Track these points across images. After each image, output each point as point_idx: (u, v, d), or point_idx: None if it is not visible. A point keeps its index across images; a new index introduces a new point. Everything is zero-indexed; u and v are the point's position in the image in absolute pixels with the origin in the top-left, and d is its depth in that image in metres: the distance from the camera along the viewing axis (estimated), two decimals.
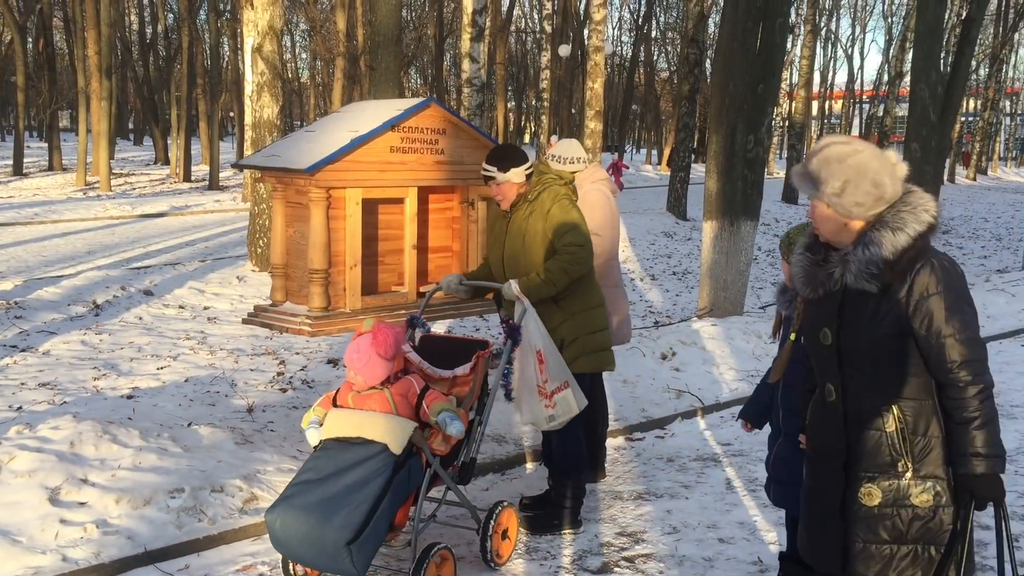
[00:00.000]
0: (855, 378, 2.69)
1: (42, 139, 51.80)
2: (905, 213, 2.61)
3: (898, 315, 2.59)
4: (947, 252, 12.40)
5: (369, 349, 3.72)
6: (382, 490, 3.51)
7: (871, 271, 2.57)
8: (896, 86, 33.76)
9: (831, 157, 2.62)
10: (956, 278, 2.61)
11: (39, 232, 16.82)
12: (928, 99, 11.07)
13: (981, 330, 2.66)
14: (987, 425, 2.57)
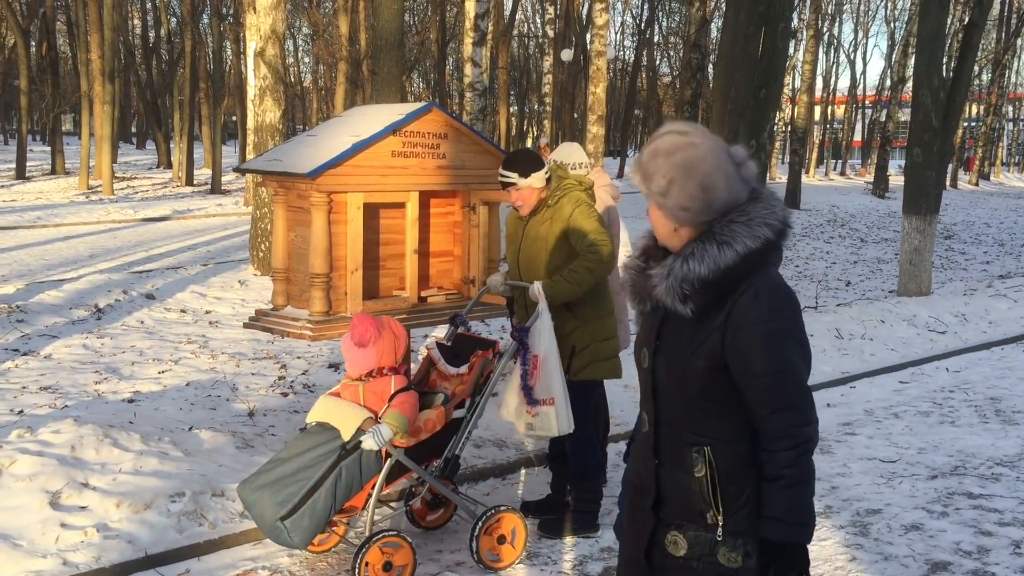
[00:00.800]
0: (667, 410, 2.29)
1: (45, 143, 51.89)
2: (738, 225, 2.19)
3: (713, 346, 2.18)
4: (949, 258, 12.38)
5: (347, 337, 3.99)
6: (324, 474, 3.77)
7: (684, 291, 2.17)
8: (899, 91, 33.78)
9: (660, 149, 2.22)
10: (785, 307, 2.20)
11: (41, 236, 16.84)
12: (930, 104, 11.06)
13: (984, 335, 2.47)
14: (795, 487, 2.16)
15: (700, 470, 2.22)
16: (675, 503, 2.28)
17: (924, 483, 5.38)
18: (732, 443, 2.22)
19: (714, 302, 2.17)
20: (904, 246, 11.35)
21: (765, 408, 2.16)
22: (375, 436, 3.79)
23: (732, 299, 2.16)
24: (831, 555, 4.37)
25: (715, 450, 2.21)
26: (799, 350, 2.20)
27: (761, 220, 2.20)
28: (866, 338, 8.85)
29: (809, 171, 49.96)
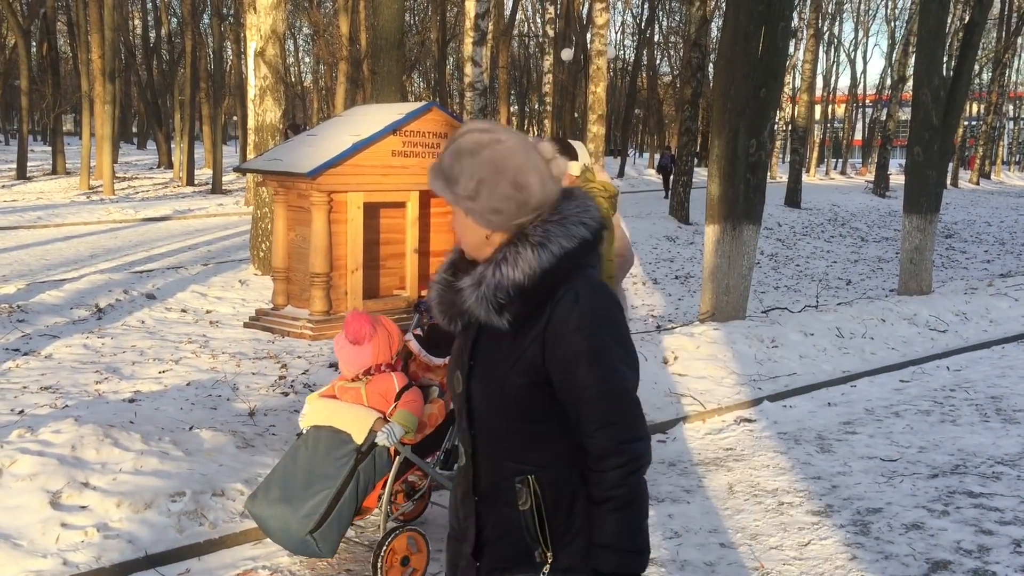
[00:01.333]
0: (486, 438, 2.08)
1: (46, 143, 51.91)
2: (553, 225, 2.01)
3: (533, 359, 1.98)
4: (949, 257, 12.41)
5: (342, 336, 3.97)
6: (345, 480, 3.76)
7: (499, 300, 1.96)
8: (899, 90, 33.78)
9: (464, 149, 2.01)
10: (608, 311, 2.01)
11: (42, 236, 16.84)
12: (931, 103, 11.05)
13: (984, 334, 2.30)
14: (625, 510, 1.97)
15: (525, 502, 2.01)
16: (499, 546, 2.06)
17: (925, 482, 5.38)
18: (560, 468, 2.02)
19: (532, 310, 1.98)
20: (905, 245, 11.34)
21: (591, 424, 1.97)
22: (388, 435, 3.81)
23: (551, 305, 1.98)
24: (831, 554, 4.37)
25: (541, 478, 2.01)
26: (625, 357, 2.02)
27: (576, 219, 2.03)
28: (867, 337, 8.85)
29: (810, 170, 49.94)
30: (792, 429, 6.45)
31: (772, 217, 22.98)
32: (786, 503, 5.02)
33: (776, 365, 7.84)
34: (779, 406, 6.98)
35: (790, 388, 7.36)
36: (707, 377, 7.38)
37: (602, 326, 1.98)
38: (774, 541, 4.51)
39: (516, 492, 2.02)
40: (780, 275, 15.05)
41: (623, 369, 2.00)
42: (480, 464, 2.09)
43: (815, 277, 14.86)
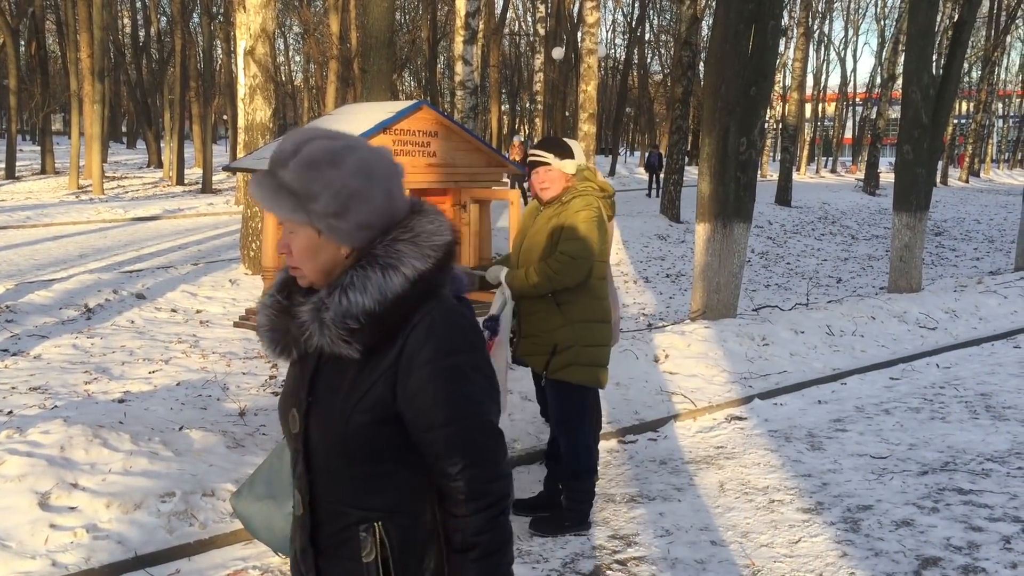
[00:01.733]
0: (326, 484, 1.87)
1: (35, 142, 51.70)
2: (404, 244, 1.80)
3: (381, 394, 1.79)
4: (939, 254, 12.42)
5: None
6: None
7: (348, 327, 1.76)
8: (889, 88, 33.90)
9: (318, 159, 1.77)
10: (463, 338, 1.82)
11: (31, 236, 16.77)
12: (920, 101, 11.09)
13: (974, 331, 2.26)
14: (490, 557, 1.79)
15: (370, 554, 1.82)
16: None
17: (915, 479, 5.40)
18: (410, 514, 1.83)
19: (383, 340, 1.78)
20: (895, 243, 11.37)
21: (450, 464, 1.78)
22: None
23: (403, 334, 1.78)
24: (822, 551, 4.38)
25: (389, 526, 1.82)
26: (486, 387, 1.83)
27: (429, 236, 1.83)
28: (857, 335, 8.87)
29: (800, 168, 50.08)
30: (783, 427, 6.46)
31: (763, 215, 23.03)
32: (777, 501, 5.02)
33: (767, 363, 7.86)
34: (770, 404, 6.99)
35: (781, 386, 7.37)
36: (698, 375, 7.39)
37: (459, 354, 1.79)
38: (765, 539, 4.51)
39: (360, 543, 1.82)
40: (771, 273, 15.08)
41: (484, 401, 1.82)
42: (320, 512, 1.89)
43: (806, 275, 14.90)
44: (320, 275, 1.83)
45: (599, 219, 4.43)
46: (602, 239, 4.44)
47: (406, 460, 1.82)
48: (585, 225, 4.34)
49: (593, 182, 4.54)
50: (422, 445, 1.80)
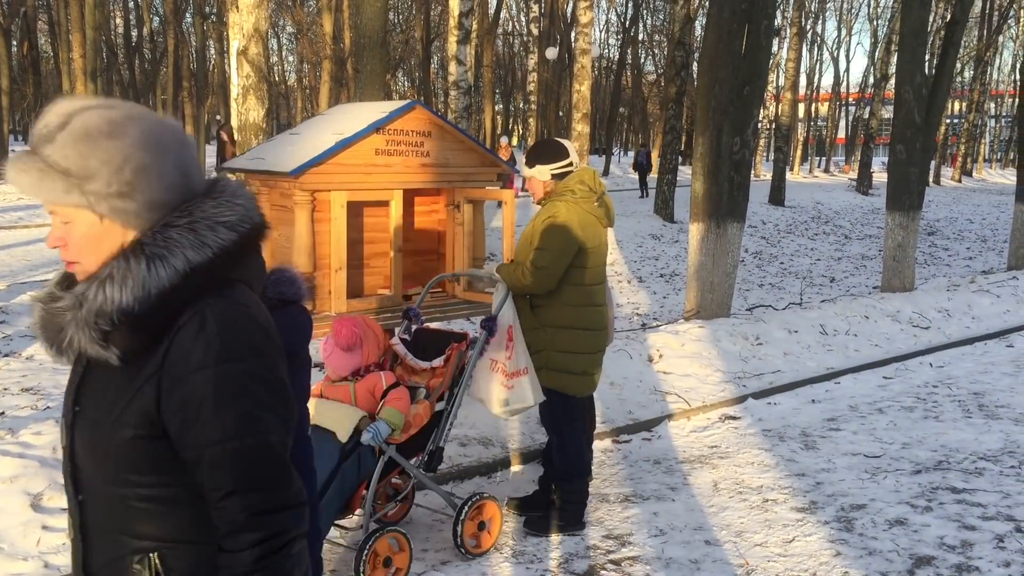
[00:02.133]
0: (95, 506, 1.60)
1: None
2: (178, 230, 1.54)
3: (145, 406, 1.52)
4: (932, 254, 12.43)
5: (332, 342, 3.97)
6: (328, 478, 3.71)
7: (101, 329, 1.49)
8: (882, 88, 33.97)
9: (94, 131, 1.49)
10: (245, 342, 1.53)
11: (24, 236, 16.71)
12: (913, 101, 11.11)
13: (967, 331, 2.15)
14: None
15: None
16: None
17: (908, 478, 5.41)
18: (194, 545, 1.57)
19: (146, 343, 1.51)
20: (888, 242, 11.40)
21: (216, 490, 1.51)
22: (374, 434, 3.79)
23: (169, 337, 1.51)
24: (816, 550, 4.38)
25: (168, 557, 1.56)
26: (269, 401, 1.54)
27: (212, 221, 1.56)
28: (850, 334, 8.88)
29: (793, 168, 50.14)
30: (776, 426, 6.47)
31: (756, 215, 23.07)
32: (770, 500, 5.03)
33: (761, 363, 7.87)
34: (764, 403, 7.00)
35: (774, 385, 7.38)
36: (692, 375, 7.40)
37: (236, 362, 1.51)
38: (759, 538, 4.52)
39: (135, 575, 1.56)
40: (764, 273, 15.10)
41: (266, 418, 1.53)
42: (91, 539, 1.61)
43: (799, 275, 14.92)
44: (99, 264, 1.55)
45: (563, 225, 4.33)
46: (567, 244, 4.32)
47: (186, 483, 1.54)
48: (557, 231, 4.31)
49: (575, 183, 4.46)
50: (191, 466, 1.53)
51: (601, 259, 4.57)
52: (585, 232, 4.39)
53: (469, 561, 4.22)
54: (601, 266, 4.57)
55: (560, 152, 4.53)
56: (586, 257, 4.43)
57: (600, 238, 4.52)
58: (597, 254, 4.51)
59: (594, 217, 4.47)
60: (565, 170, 4.51)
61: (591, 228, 4.44)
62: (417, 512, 4.71)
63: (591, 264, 4.48)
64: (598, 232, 4.50)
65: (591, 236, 4.44)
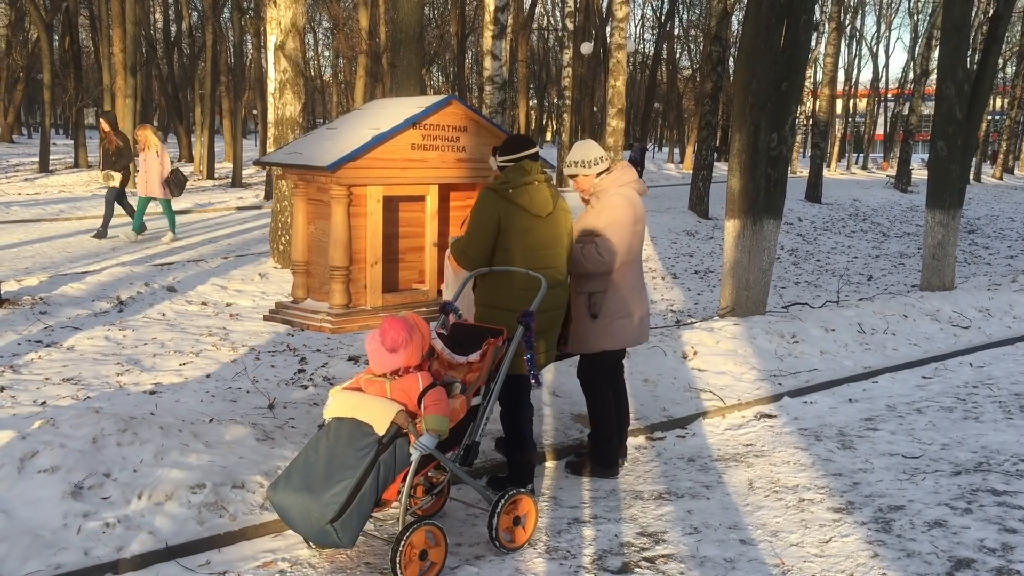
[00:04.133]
0: None
1: (68, 136, 52.28)
2: None
3: None
4: (972, 252, 12.32)
5: (378, 339, 3.97)
6: (365, 471, 3.75)
7: None
8: (922, 84, 33.47)
9: None
10: None
11: (65, 228, 16.96)
12: (955, 97, 10.94)
13: (1008, 330, 2.17)
14: None
15: None
16: None
17: (947, 479, 5.33)
18: None
19: None
20: (927, 240, 11.24)
21: None
22: (421, 449, 3.83)
23: None
24: (853, 551, 4.33)
25: None
26: None
27: None
28: (888, 333, 8.77)
29: (830, 165, 49.61)
30: (813, 425, 6.40)
31: (792, 212, 22.84)
32: (807, 500, 4.98)
33: (797, 361, 7.79)
34: (800, 402, 6.93)
35: (811, 384, 7.31)
36: (727, 372, 7.35)
37: None
38: (795, 538, 4.48)
39: None
40: (800, 270, 14.95)
41: None
42: None
43: (836, 272, 14.76)
44: None
45: (483, 209, 4.74)
46: (486, 225, 4.71)
47: None
48: (476, 207, 4.80)
49: (510, 170, 4.85)
50: None
51: (532, 243, 4.79)
52: (489, 215, 4.74)
53: (503, 556, 4.22)
54: (532, 250, 4.80)
55: (513, 147, 4.96)
56: (513, 240, 4.74)
57: (522, 223, 4.77)
58: (523, 239, 4.77)
59: (510, 202, 4.76)
60: (509, 162, 4.92)
61: (524, 213, 4.78)
62: (450, 506, 4.72)
63: (521, 248, 4.76)
64: (554, 216, 4.90)
65: (525, 222, 4.78)
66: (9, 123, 45.22)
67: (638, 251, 5.28)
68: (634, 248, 5.22)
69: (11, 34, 39.09)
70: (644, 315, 5.32)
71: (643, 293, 5.36)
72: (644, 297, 5.36)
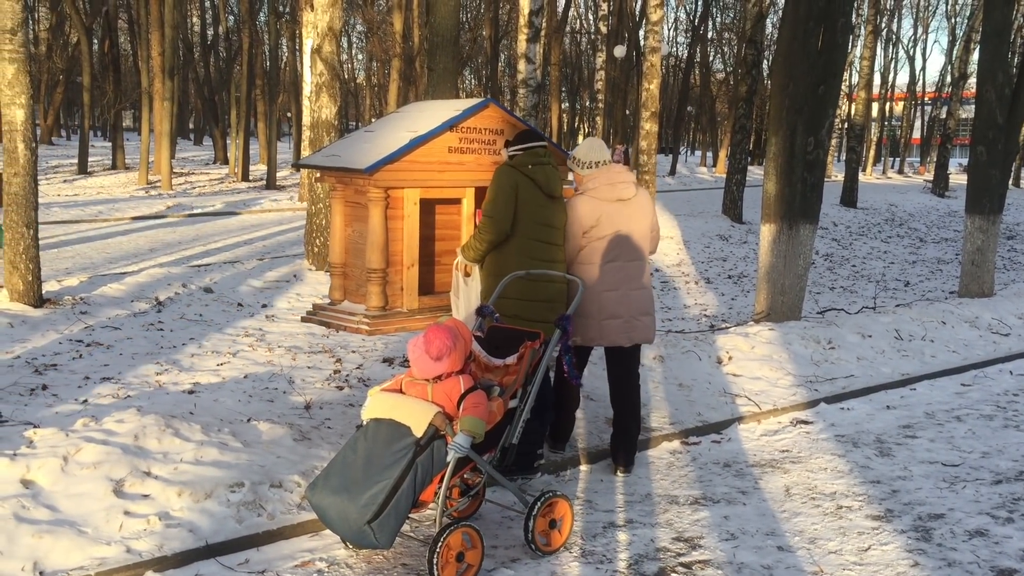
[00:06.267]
0: None
1: (106, 139, 53.01)
2: None
3: None
4: (1012, 259, 12.17)
5: (422, 347, 3.97)
6: (403, 472, 3.76)
7: None
8: (960, 87, 33.06)
9: None
10: None
11: (103, 229, 17.21)
12: (995, 101, 10.80)
13: None
14: None
15: None
16: None
17: (988, 488, 5.26)
18: None
19: None
20: (967, 246, 11.10)
21: None
22: (456, 449, 3.85)
23: None
24: (893, 560, 4.29)
25: None
26: None
27: None
28: (927, 339, 8.68)
29: (866, 169, 49.13)
30: (850, 432, 6.34)
31: (827, 216, 22.64)
32: (845, 507, 4.94)
33: (833, 367, 7.73)
34: (836, 408, 6.87)
35: (847, 390, 7.25)
36: (762, 378, 7.30)
37: None
38: (833, 545, 4.44)
39: None
40: (836, 275, 14.82)
41: None
42: None
43: (872, 278, 14.61)
44: None
45: (504, 180, 5.10)
46: (508, 193, 5.06)
47: None
48: (490, 192, 5.15)
49: (519, 156, 5.18)
50: None
51: (537, 216, 5.14)
52: (505, 188, 5.07)
53: (539, 559, 4.22)
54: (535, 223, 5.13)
55: (526, 138, 5.27)
56: (520, 210, 5.09)
57: (537, 199, 5.14)
58: (531, 210, 5.11)
59: (527, 177, 5.12)
60: (519, 152, 5.21)
61: (531, 189, 5.11)
62: (486, 508, 4.73)
63: (523, 217, 5.10)
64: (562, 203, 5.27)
65: (533, 197, 5.12)
66: (49, 125, 45.93)
67: (616, 255, 5.24)
68: (599, 249, 5.24)
69: (51, 37, 39.71)
70: (615, 318, 5.25)
71: (624, 297, 5.26)
72: (625, 302, 5.26)
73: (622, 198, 5.27)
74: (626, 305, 5.27)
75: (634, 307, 5.30)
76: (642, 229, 5.35)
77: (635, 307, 5.30)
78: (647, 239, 5.41)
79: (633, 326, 5.30)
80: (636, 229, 5.32)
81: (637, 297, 5.31)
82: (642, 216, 5.35)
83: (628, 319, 5.28)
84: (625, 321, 5.28)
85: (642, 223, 5.35)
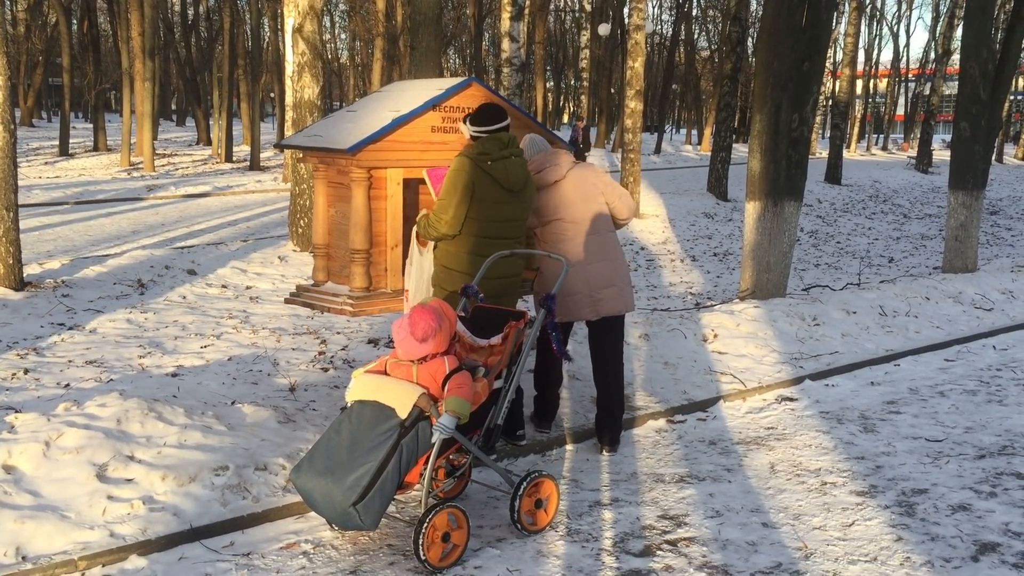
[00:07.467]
0: None
1: (87, 120, 52.51)
2: None
3: None
4: (995, 234, 12.25)
5: (407, 328, 3.95)
6: (388, 454, 3.76)
7: None
8: (943, 64, 33.11)
9: None
10: None
11: (85, 212, 17.06)
12: (978, 77, 10.81)
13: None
14: None
15: None
16: None
17: (971, 463, 5.29)
18: None
19: None
20: (950, 222, 11.14)
21: None
22: (442, 429, 3.82)
23: None
24: (876, 535, 4.31)
25: None
26: None
27: None
28: (911, 315, 8.71)
29: (850, 146, 49.21)
30: (834, 408, 6.37)
31: (812, 193, 22.68)
32: (829, 483, 4.96)
33: (818, 343, 7.75)
34: (821, 385, 6.90)
35: (832, 367, 7.28)
36: (747, 355, 7.32)
37: None
38: (817, 521, 4.46)
39: None
40: (820, 252, 14.86)
41: None
42: None
43: (856, 254, 14.66)
44: None
45: (460, 176, 4.81)
46: (463, 191, 4.78)
47: None
48: (446, 184, 4.84)
49: (473, 143, 4.89)
50: None
51: (494, 214, 4.91)
52: (461, 182, 4.80)
53: (525, 539, 4.23)
54: (492, 221, 4.91)
55: (490, 119, 4.90)
56: (475, 208, 4.83)
57: (494, 195, 4.87)
58: (488, 207, 4.86)
59: (487, 174, 4.82)
60: (482, 133, 4.89)
61: (484, 180, 4.82)
62: (472, 488, 4.73)
63: (477, 215, 4.86)
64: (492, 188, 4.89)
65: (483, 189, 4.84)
66: (29, 107, 45.44)
67: (563, 236, 5.25)
68: (549, 232, 5.26)
69: (30, 17, 39.23)
70: (574, 294, 5.22)
71: (581, 271, 5.19)
72: (583, 276, 5.19)
73: (550, 181, 5.25)
74: (584, 280, 5.23)
75: (594, 282, 5.26)
76: (589, 205, 5.28)
77: (595, 281, 5.26)
78: (597, 213, 5.31)
79: (596, 299, 5.27)
80: (581, 206, 5.26)
81: (596, 271, 5.26)
82: (583, 193, 5.27)
83: (589, 294, 5.26)
84: (586, 296, 5.26)
85: (588, 199, 5.27)
